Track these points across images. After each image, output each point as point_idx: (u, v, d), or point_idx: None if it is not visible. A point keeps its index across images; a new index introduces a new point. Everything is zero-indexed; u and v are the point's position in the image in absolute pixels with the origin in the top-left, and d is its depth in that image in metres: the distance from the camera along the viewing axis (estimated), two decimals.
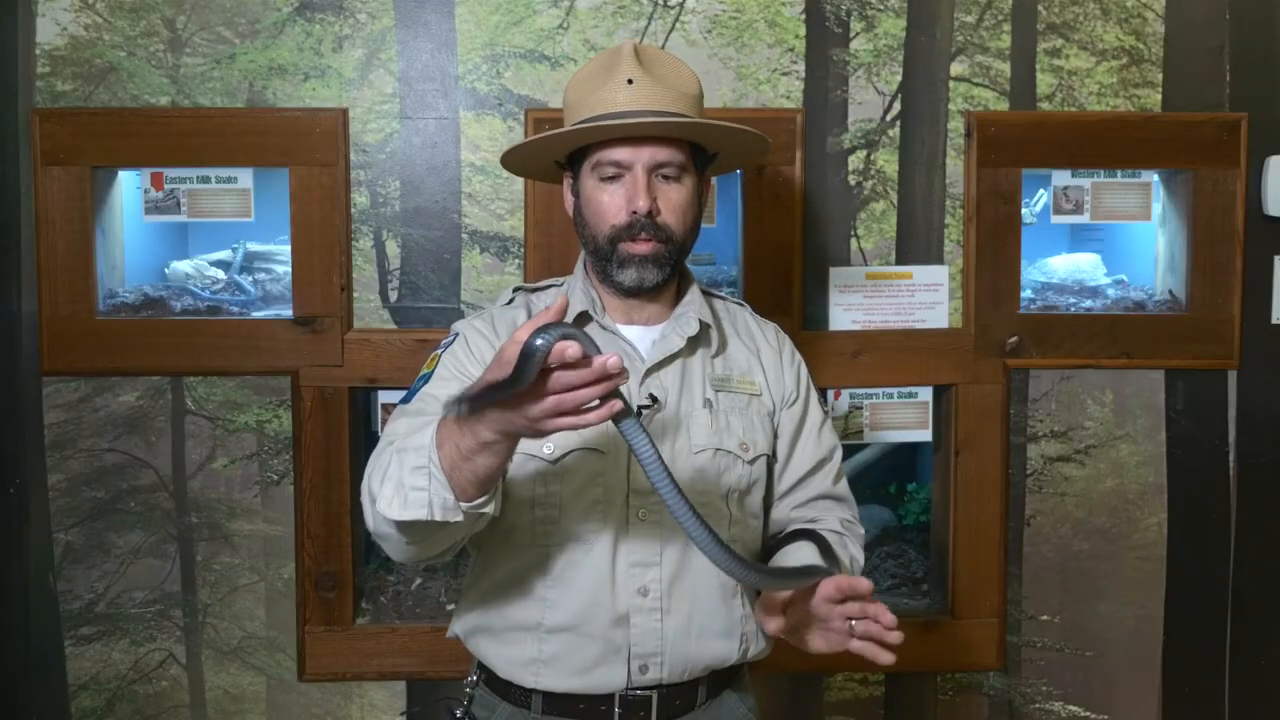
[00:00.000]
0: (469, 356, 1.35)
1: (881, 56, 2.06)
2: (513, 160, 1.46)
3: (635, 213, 1.31)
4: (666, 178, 1.33)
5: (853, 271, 2.08)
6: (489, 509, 1.13)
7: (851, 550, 1.42)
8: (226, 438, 2.03)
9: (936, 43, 2.07)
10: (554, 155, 1.40)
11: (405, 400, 1.32)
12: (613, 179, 1.32)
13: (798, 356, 1.50)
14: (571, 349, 0.95)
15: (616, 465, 1.32)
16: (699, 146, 1.38)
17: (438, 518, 1.09)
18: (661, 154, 1.31)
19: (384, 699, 2.06)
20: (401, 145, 2.01)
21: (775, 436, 1.44)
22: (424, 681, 2.05)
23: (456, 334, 1.39)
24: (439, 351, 1.37)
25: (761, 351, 1.46)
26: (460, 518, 1.11)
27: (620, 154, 1.31)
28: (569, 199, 1.41)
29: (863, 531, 1.48)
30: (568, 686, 1.32)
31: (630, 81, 1.30)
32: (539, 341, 0.93)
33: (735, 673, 1.42)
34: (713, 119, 1.34)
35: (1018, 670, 2.15)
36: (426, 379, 1.33)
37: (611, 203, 1.33)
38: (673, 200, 1.33)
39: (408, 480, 1.10)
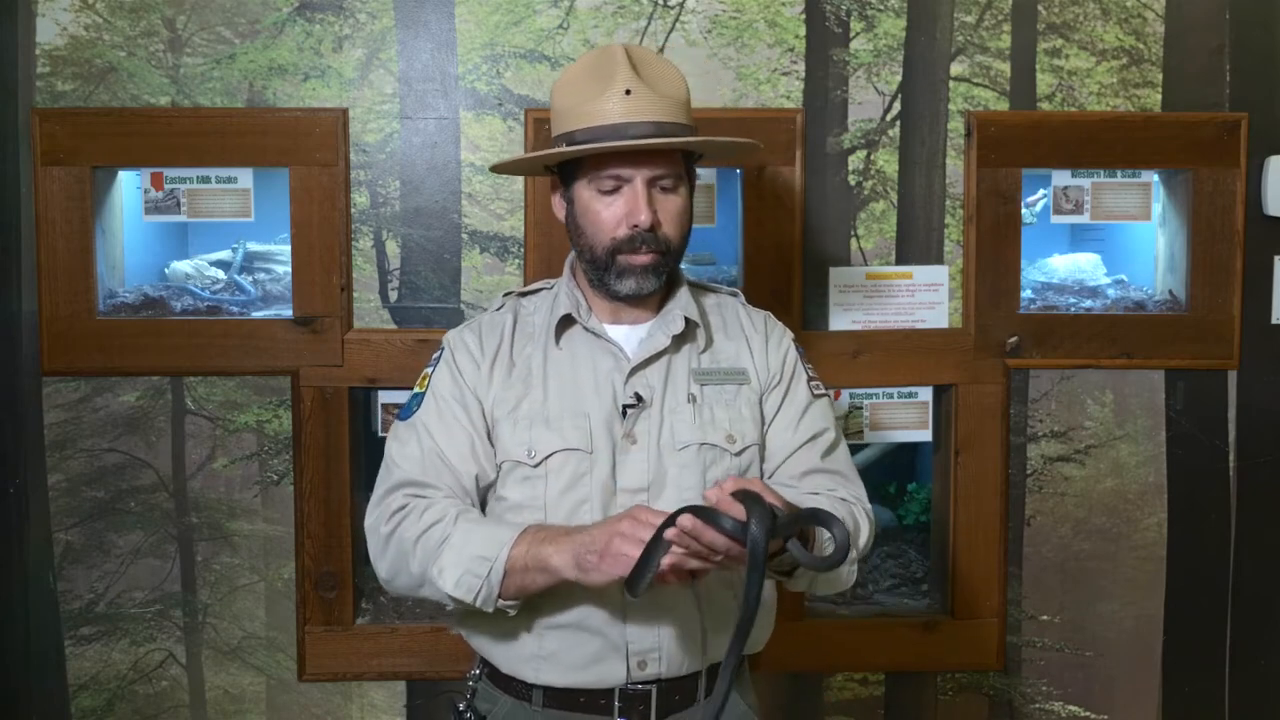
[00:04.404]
0: (455, 381, 1.38)
1: (881, 56, 2.06)
2: (505, 165, 1.49)
3: (636, 226, 1.32)
4: (664, 189, 1.34)
5: (853, 271, 2.08)
6: (511, 611, 1.27)
7: (858, 516, 1.36)
8: (226, 438, 2.03)
9: (936, 43, 2.07)
10: (546, 161, 1.41)
11: (403, 416, 1.39)
12: (611, 191, 1.33)
13: (786, 340, 1.48)
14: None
15: (601, 464, 1.33)
16: (689, 152, 1.39)
17: (477, 605, 1.24)
18: (660, 167, 1.33)
19: (384, 699, 2.06)
20: (401, 145, 2.01)
21: (765, 422, 1.43)
22: (424, 681, 2.05)
23: (443, 349, 1.42)
24: (429, 370, 1.42)
25: (750, 339, 1.46)
26: (490, 610, 1.25)
27: (620, 169, 1.32)
28: (559, 204, 1.42)
29: (870, 509, 1.41)
30: (568, 681, 1.33)
31: (628, 92, 1.31)
32: (762, 543, 1.07)
33: None
34: (711, 136, 1.36)
35: (1018, 670, 2.15)
36: (420, 399, 1.39)
37: (611, 215, 1.33)
38: (670, 211, 1.35)
39: (469, 565, 1.24)
